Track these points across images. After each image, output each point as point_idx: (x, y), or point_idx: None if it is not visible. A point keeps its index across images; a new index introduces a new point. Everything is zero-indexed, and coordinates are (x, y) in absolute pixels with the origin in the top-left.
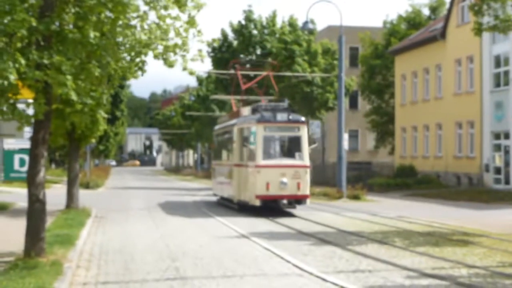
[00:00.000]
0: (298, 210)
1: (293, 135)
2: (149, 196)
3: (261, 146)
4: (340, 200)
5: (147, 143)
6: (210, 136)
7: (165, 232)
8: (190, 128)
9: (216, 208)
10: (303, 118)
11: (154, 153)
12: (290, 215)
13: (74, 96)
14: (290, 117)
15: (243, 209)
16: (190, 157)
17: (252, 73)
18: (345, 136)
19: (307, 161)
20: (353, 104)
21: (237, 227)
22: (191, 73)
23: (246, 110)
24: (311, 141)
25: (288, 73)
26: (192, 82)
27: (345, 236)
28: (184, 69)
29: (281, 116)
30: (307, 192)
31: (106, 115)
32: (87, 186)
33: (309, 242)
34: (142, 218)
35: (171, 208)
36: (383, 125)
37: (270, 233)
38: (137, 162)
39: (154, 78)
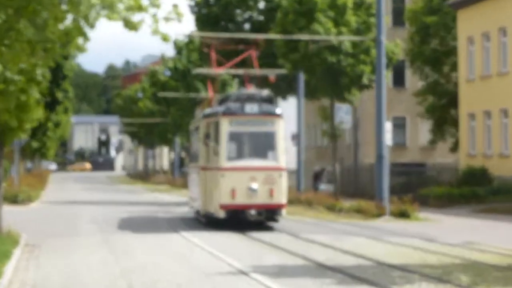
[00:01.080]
0: (318, 234)
1: (265, 130)
2: (104, 215)
3: (225, 145)
4: (381, 218)
5: (102, 137)
6: None
7: (127, 266)
8: (165, 115)
9: (201, 228)
10: (278, 110)
11: (112, 152)
12: (308, 240)
13: None
14: (262, 108)
15: (211, 224)
16: (164, 157)
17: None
18: (388, 126)
19: (282, 162)
20: (399, 80)
21: (231, 258)
22: (165, 39)
23: (214, 100)
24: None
25: (304, 37)
26: (167, 50)
27: (388, 272)
28: (155, 32)
29: (250, 108)
30: (283, 200)
31: (41, 97)
32: (14, 200)
33: (334, 281)
34: (95, 246)
35: (137, 231)
36: (442, 110)
37: (278, 267)
38: (88, 165)
39: (111, 44)
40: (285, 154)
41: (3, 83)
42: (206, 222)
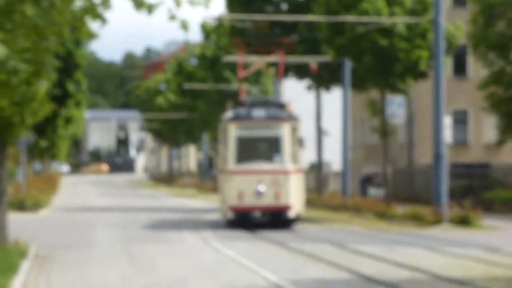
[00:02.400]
0: (366, 244)
1: (272, 134)
2: (123, 223)
3: (234, 149)
4: (438, 226)
5: (121, 135)
6: None
7: (150, 282)
8: (192, 110)
9: (233, 238)
10: (284, 115)
11: (132, 152)
12: (355, 251)
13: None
14: (269, 113)
15: (245, 227)
16: (191, 157)
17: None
18: (447, 122)
19: (288, 165)
20: (460, 68)
21: (267, 271)
22: (184, 27)
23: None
24: (300, 142)
25: (351, 18)
26: (193, 35)
27: (446, 287)
28: (172, 18)
29: (257, 113)
30: (290, 202)
31: (50, 89)
32: (21, 206)
33: None
34: (113, 258)
35: (161, 241)
36: (509, 103)
37: (320, 281)
38: (104, 167)
39: (129, 30)
40: (300, 156)
41: (5, 73)
42: (226, 223)
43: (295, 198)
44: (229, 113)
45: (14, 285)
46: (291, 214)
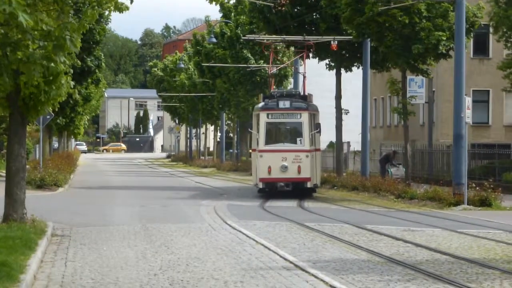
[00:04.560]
0: (386, 224)
1: (294, 121)
2: (141, 202)
3: (264, 132)
4: (458, 207)
5: (140, 114)
6: (242, 102)
7: (168, 261)
8: (211, 89)
9: (251, 217)
10: (305, 105)
11: (151, 131)
12: (375, 232)
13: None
14: (292, 104)
15: (266, 196)
16: (210, 137)
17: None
18: (467, 102)
19: (307, 146)
20: (481, 49)
21: (285, 251)
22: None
23: (261, 97)
24: (317, 127)
25: None
26: (212, 12)
27: (465, 268)
28: None
29: (283, 104)
30: (308, 175)
31: (70, 67)
32: (39, 184)
33: (404, 278)
34: (131, 237)
35: (178, 220)
36: None
37: (339, 261)
38: (123, 146)
39: (147, 6)
40: (317, 138)
41: (26, 49)
42: (258, 191)
43: (312, 172)
44: (260, 103)
45: (32, 264)
46: (309, 184)
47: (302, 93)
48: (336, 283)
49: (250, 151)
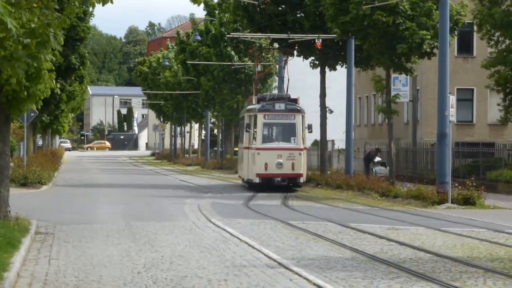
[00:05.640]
0: (369, 223)
1: (289, 122)
2: (125, 200)
3: (261, 132)
4: (442, 206)
5: (124, 111)
6: (227, 100)
7: (152, 259)
8: (196, 87)
9: (235, 215)
10: (298, 107)
11: (135, 129)
12: (358, 230)
13: (12, 28)
14: (287, 106)
15: (252, 187)
16: (194, 135)
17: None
18: (451, 100)
19: (301, 145)
20: (465, 47)
21: (269, 250)
22: (196, 1)
23: (254, 99)
24: (309, 128)
25: None
26: (198, 10)
27: (449, 266)
28: None
29: (278, 106)
30: (301, 171)
31: (52, 63)
32: (23, 182)
33: (388, 276)
34: (114, 234)
35: (163, 218)
36: None
37: (323, 259)
38: (107, 144)
39: (132, 3)
40: (305, 138)
41: (9, 47)
42: (249, 186)
43: (304, 168)
44: (256, 105)
45: (15, 261)
46: (302, 180)
47: (290, 96)
48: (320, 281)
49: (238, 148)
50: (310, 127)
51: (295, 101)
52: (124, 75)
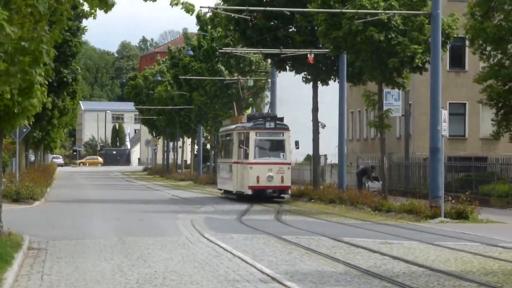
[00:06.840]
0: (362, 237)
1: (278, 139)
2: (118, 215)
3: (253, 148)
4: (435, 220)
5: (116, 127)
6: (220, 115)
7: (145, 274)
8: (189, 101)
9: (228, 230)
10: (286, 126)
11: (128, 144)
12: (351, 244)
13: (11, 34)
14: (277, 125)
15: (241, 199)
16: (187, 150)
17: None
18: (444, 115)
19: (289, 159)
20: (457, 62)
21: (262, 264)
22: (188, 11)
23: (244, 118)
24: (296, 144)
25: (348, 11)
26: (189, 25)
27: (442, 281)
28: (175, 4)
29: (269, 124)
30: (289, 184)
31: (46, 78)
32: (16, 198)
33: None
34: (107, 250)
35: (156, 233)
36: (507, 96)
37: (316, 274)
38: (99, 159)
39: (124, 19)
40: (290, 154)
41: (4, 62)
42: (238, 198)
43: (290, 181)
44: (247, 124)
45: (8, 277)
46: (290, 191)
47: (277, 115)
48: None
49: (218, 163)
50: (297, 144)
51: (281, 119)
52: (116, 90)
